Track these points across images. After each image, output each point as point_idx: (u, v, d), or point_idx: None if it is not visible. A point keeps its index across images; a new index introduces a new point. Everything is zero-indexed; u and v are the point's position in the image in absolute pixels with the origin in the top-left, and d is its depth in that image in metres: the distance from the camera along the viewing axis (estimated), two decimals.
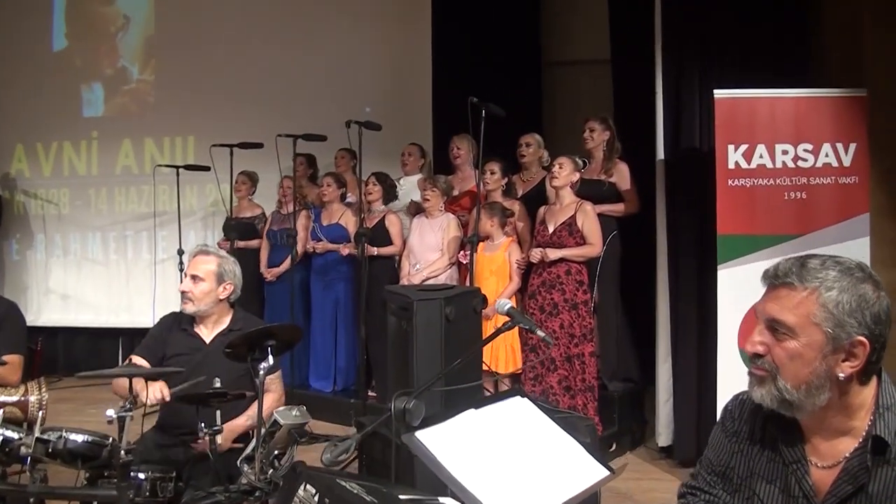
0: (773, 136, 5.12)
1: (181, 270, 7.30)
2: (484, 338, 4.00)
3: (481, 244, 5.98)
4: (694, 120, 5.63)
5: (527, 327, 2.94)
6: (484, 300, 4.83)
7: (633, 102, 7.16)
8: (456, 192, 6.83)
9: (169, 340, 3.94)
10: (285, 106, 8.46)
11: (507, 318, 2.94)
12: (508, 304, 3.01)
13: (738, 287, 4.97)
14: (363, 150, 6.35)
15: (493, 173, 6.32)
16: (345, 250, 6.85)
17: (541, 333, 2.96)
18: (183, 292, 3.92)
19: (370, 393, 6.77)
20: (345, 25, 8.61)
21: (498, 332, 2.94)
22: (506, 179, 6.39)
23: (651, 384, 6.06)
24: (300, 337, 3.50)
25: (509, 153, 6.70)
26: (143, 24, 9.28)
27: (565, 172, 5.80)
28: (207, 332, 3.94)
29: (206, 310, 3.89)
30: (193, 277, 3.92)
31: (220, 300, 3.91)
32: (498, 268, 6.05)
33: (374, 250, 6.65)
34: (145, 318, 7.88)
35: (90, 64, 9.38)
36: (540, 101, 8.91)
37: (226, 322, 3.96)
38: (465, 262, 5.98)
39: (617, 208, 6.18)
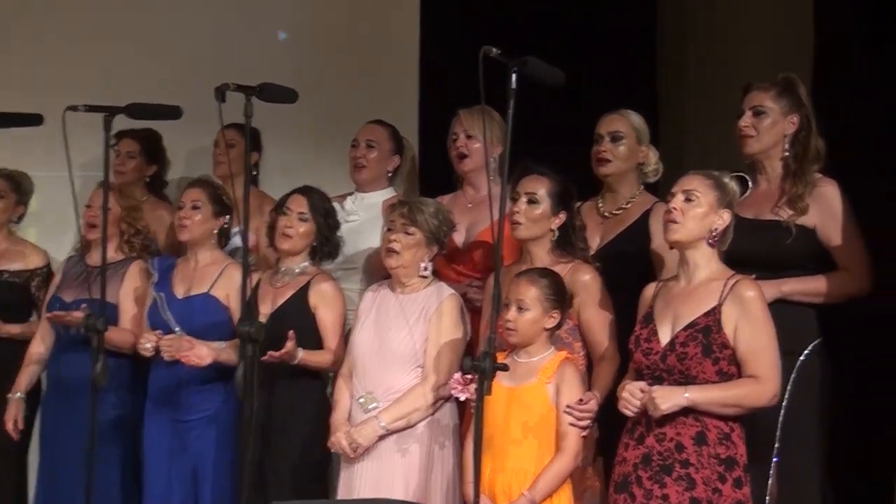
0: None
1: None
2: None
3: (502, 362, 3.36)
4: None
5: None
6: None
7: (854, 50, 4.52)
8: (460, 237, 4.12)
9: None
10: (95, 35, 5.27)
11: None
12: None
13: None
14: (271, 133, 4.57)
15: (532, 200, 3.75)
16: (207, 354, 3.86)
17: None
18: None
19: None
20: None
21: None
22: (561, 215, 3.77)
23: None
24: None
25: (576, 153, 4.13)
26: None
27: (700, 210, 3.37)
28: None
29: None
30: None
31: None
32: (539, 420, 3.54)
33: (299, 355, 3.74)
34: None
35: None
36: (651, 32, 5.75)
37: None
38: (465, 397, 3.53)
39: (816, 287, 3.86)
